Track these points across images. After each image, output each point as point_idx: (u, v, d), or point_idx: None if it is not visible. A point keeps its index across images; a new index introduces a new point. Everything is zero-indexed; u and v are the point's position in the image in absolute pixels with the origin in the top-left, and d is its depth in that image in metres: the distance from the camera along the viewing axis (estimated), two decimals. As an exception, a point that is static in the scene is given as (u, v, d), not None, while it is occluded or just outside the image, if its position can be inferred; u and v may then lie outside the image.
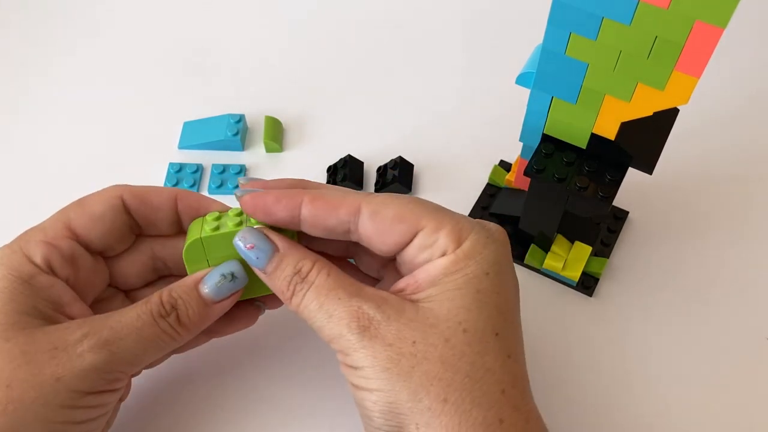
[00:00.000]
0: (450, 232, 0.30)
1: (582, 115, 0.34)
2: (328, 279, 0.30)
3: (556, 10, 0.30)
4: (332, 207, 0.31)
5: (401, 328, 0.29)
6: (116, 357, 0.30)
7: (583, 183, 0.35)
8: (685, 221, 0.45)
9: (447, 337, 0.28)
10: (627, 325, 0.40)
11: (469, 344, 0.28)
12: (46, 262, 0.31)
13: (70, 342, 0.30)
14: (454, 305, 0.29)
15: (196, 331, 0.33)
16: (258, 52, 0.56)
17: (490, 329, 0.29)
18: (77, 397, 0.29)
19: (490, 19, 0.57)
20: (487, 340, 0.29)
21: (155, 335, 0.31)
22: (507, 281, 0.31)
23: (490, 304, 0.29)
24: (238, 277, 0.32)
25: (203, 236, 0.32)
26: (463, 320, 0.29)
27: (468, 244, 0.30)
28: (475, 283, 0.30)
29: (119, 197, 0.34)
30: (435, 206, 0.32)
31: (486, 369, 0.28)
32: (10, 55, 0.56)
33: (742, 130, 0.49)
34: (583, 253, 0.41)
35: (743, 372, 0.39)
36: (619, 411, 0.37)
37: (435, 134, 0.50)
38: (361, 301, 0.29)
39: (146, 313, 0.31)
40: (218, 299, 0.32)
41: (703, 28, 0.27)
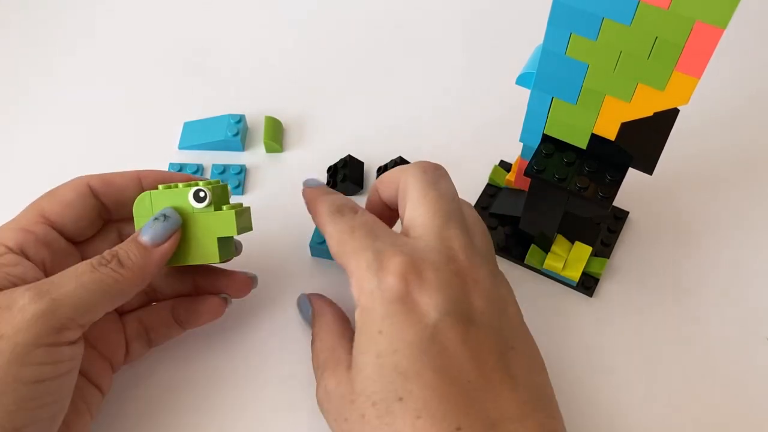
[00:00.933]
0: (354, 283, 0.31)
1: (582, 116, 0.34)
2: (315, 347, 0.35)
3: (556, 11, 0.30)
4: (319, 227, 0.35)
5: (338, 405, 0.31)
6: (57, 303, 0.30)
7: (584, 183, 0.35)
8: (685, 221, 0.45)
9: (362, 413, 0.29)
10: (627, 325, 0.40)
11: (378, 417, 0.29)
12: (19, 246, 0.33)
13: (14, 299, 0.29)
14: (362, 375, 0.30)
15: (141, 276, 0.33)
16: (258, 52, 0.56)
17: (392, 396, 0.29)
18: (24, 351, 0.28)
19: (490, 19, 0.57)
20: (393, 410, 0.29)
21: (98, 279, 0.31)
22: (406, 330, 0.29)
23: (389, 366, 0.29)
24: (170, 217, 0.34)
25: (153, 191, 0.35)
26: (371, 393, 0.29)
27: (363, 300, 0.31)
28: (372, 345, 0.30)
29: (86, 184, 0.35)
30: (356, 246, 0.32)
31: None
32: (10, 55, 0.56)
33: (742, 130, 0.49)
34: (584, 253, 0.41)
35: (743, 372, 0.39)
36: (619, 411, 0.37)
37: (435, 134, 0.50)
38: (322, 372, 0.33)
39: (86, 264, 0.32)
40: (156, 241, 0.33)
41: (703, 28, 0.27)
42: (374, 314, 0.30)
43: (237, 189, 0.47)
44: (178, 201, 0.34)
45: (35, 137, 0.51)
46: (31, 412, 0.29)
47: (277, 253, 0.43)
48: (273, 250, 0.43)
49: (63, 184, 0.36)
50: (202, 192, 0.34)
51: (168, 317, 0.38)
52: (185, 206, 0.34)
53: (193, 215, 0.34)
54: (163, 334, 0.38)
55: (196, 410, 0.37)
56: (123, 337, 0.37)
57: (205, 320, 0.38)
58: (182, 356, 0.39)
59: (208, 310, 0.38)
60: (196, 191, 0.34)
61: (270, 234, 0.43)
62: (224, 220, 0.34)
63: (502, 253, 0.43)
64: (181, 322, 0.38)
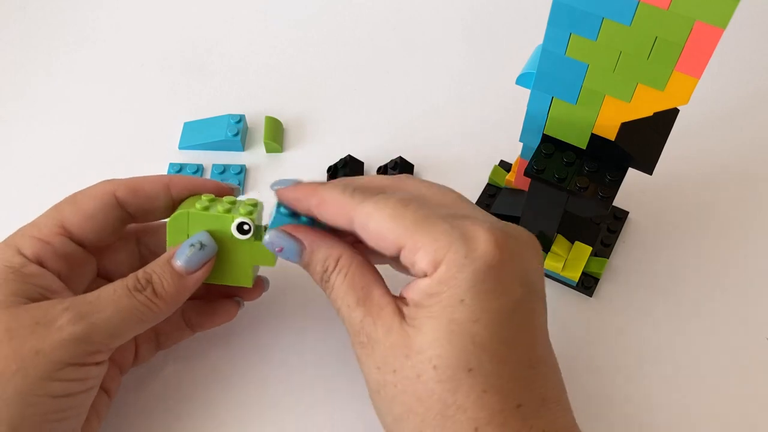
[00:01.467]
0: (426, 254, 0.29)
1: (582, 116, 0.34)
2: (344, 282, 0.31)
3: (556, 11, 0.30)
4: (332, 215, 0.32)
5: (386, 354, 0.29)
6: (95, 328, 0.30)
7: (583, 183, 0.35)
8: (685, 221, 0.45)
9: (418, 372, 0.28)
10: (627, 325, 0.40)
11: (439, 381, 0.28)
12: (37, 258, 0.32)
13: (51, 316, 0.30)
14: (426, 338, 0.28)
15: (173, 303, 0.33)
16: (258, 52, 0.56)
17: (462, 365, 0.28)
18: (57, 368, 0.29)
19: (490, 19, 0.57)
20: (458, 377, 0.28)
21: (133, 307, 0.32)
22: (492, 302, 0.28)
23: (465, 335, 0.28)
24: (207, 245, 0.34)
25: (191, 211, 0.34)
26: (433, 356, 0.28)
27: (443, 269, 0.29)
28: (448, 312, 0.28)
29: (112, 193, 0.34)
30: (415, 219, 0.29)
31: (457, 407, 0.27)
32: (10, 55, 0.56)
33: (742, 130, 0.49)
34: (583, 253, 0.41)
35: (743, 372, 0.39)
36: (619, 411, 0.37)
37: (435, 134, 0.50)
38: (362, 314, 0.30)
39: (122, 288, 0.32)
40: (190, 269, 0.33)
41: (703, 28, 0.27)
42: (457, 284, 0.28)
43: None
44: (218, 225, 0.34)
45: (35, 137, 0.51)
46: (53, 424, 0.30)
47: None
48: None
49: (88, 189, 0.35)
50: (246, 225, 0.34)
51: (179, 321, 0.37)
52: (225, 233, 0.34)
53: (232, 239, 0.34)
54: (173, 337, 0.38)
55: (199, 410, 0.37)
56: (133, 341, 0.37)
57: (217, 323, 0.38)
58: (186, 357, 0.39)
59: (222, 313, 0.38)
60: (240, 224, 0.34)
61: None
62: (265, 252, 0.34)
63: (502, 253, 0.43)
64: (192, 325, 0.37)
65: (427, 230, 0.29)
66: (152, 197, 0.35)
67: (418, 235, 0.29)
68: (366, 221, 0.30)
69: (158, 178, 0.35)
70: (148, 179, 0.35)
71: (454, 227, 0.29)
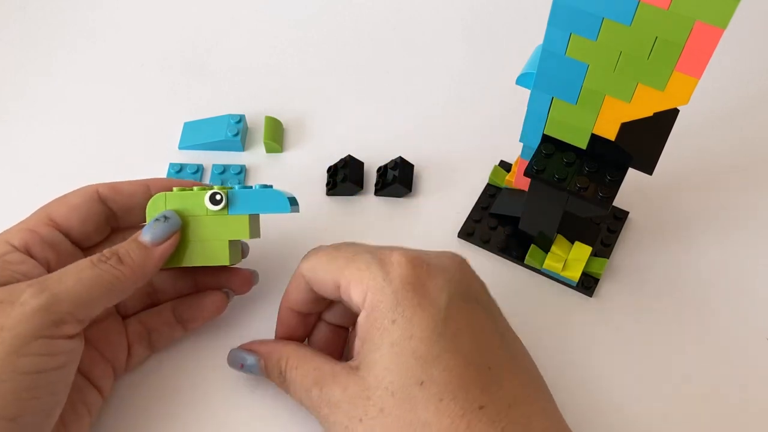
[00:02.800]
0: (354, 288, 0.31)
1: (582, 116, 0.34)
2: (298, 373, 0.33)
3: (556, 11, 0.30)
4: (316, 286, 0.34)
5: (348, 409, 0.30)
6: (56, 298, 0.30)
7: (583, 183, 0.35)
8: (685, 221, 0.45)
9: (381, 407, 0.29)
10: (627, 325, 0.40)
11: (399, 406, 0.29)
12: (24, 246, 0.33)
13: (15, 295, 0.30)
14: (377, 369, 0.30)
15: (140, 273, 0.34)
16: (258, 52, 0.56)
17: (413, 381, 0.29)
18: (23, 342, 0.29)
19: (490, 20, 0.57)
20: (414, 395, 0.29)
21: (96, 275, 0.32)
22: (419, 316, 0.30)
23: (406, 353, 0.29)
24: (170, 218, 0.35)
25: (167, 193, 0.36)
26: (388, 383, 0.29)
27: (369, 296, 0.31)
28: (386, 336, 0.30)
29: (95, 191, 0.36)
30: (345, 258, 0.32)
31: (422, 423, 0.28)
32: (10, 55, 0.56)
33: (742, 130, 0.49)
34: (583, 253, 0.41)
35: (743, 372, 0.39)
36: (619, 411, 0.37)
37: (435, 134, 0.50)
38: (319, 389, 0.32)
39: (86, 261, 0.33)
40: (156, 240, 0.34)
41: (703, 28, 0.27)
42: (384, 306, 0.30)
43: None
44: (192, 203, 0.35)
45: (35, 137, 0.51)
46: (27, 403, 0.29)
47: (275, 254, 0.43)
48: (271, 251, 0.43)
49: (73, 191, 0.36)
50: (218, 195, 0.35)
51: (170, 317, 0.38)
52: (199, 209, 0.35)
53: (206, 218, 0.35)
54: (166, 335, 0.38)
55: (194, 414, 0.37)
56: (125, 339, 0.37)
57: (207, 316, 0.38)
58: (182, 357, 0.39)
59: (210, 306, 0.38)
60: (212, 194, 0.35)
61: (269, 235, 0.43)
62: (237, 223, 0.35)
63: (502, 253, 0.43)
64: (183, 321, 0.38)
65: (354, 265, 0.32)
66: (131, 194, 0.37)
67: (348, 270, 0.32)
68: (312, 273, 0.34)
69: (138, 181, 0.38)
70: (129, 181, 0.37)
71: (373, 257, 0.32)
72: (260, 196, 0.36)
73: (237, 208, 0.36)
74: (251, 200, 0.36)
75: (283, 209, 0.36)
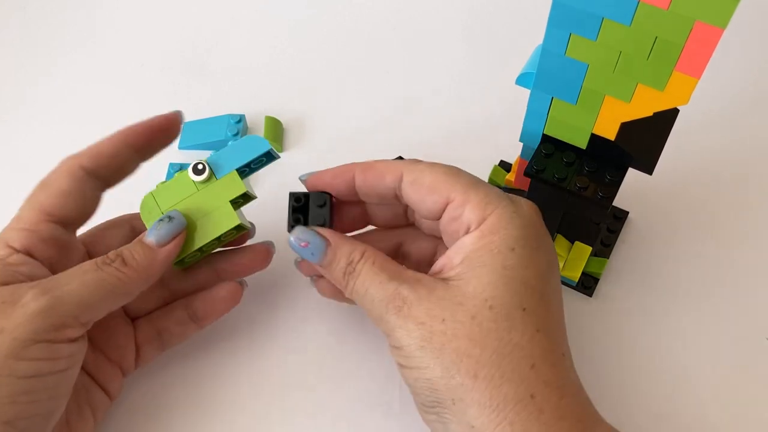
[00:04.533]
0: (475, 207, 0.31)
1: (582, 116, 0.34)
2: (374, 266, 0.32)
3: (556, 11, 0.30)
4: (380, 175, 0.34)
5: (431, 307, 0.30)
6: (59, 300, 0.30)
7: (583, 183, 0.35)
8: (685, 221, 0.45)
9: (473, 314, 0.29)
10: (627, 325, 0.40)
11: (495, 321, 0.29)
12: (25, 248, 0.33)
13: (17, 295, 0.30)
14: (480, 282, 0.30)
15: (145, 275, 0.33)
16: (258, 52, 0.56)
17: (517, 304, 0.29)
18: (22, 345, 0.29)
19: (490, 20, 0.57)
20: (514, 316, 0.29)
21: (100, 278, 0.31)
22: (536, 256, 0.31)
23: (517, 279, 0.30)
24: (175, 218, 0.34)
25: (153, 191, 0.35)
26: (489, 297, 0.29)
27: (492, 219, 0.31)
28: (500, 258, 0.30)
29: (78, 166, 0.34)
30: (469, 179, 0.33)
31: (514, 344, 0.29)
32: (10, 55, 0.56)
33: (742, 130, 0.49)
34: (583, 253, 0.41)
35: (743, 372, 0.39)
36: (619, 411, 0.37)
37: (435, 134, 0.50)
38: (398, 283, 0.31)
39: (90, 263, 0.32)
40: (161, 241, 0.33)
41: (703, 28, 0.27)
42: (507, 233, 0.31)
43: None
44: (180, 185, 0.35)
45: (35, 137, 0.51)
46: (24, 407, 0.29)
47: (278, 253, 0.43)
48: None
49: (53, 171, 0.35)
50: (200, 165, 0.35)
51: (183, 315, 0.37)
52: (188, 187, 0.35)
53: (199, 193, 0.35)
54: (178, 333, 0.37)
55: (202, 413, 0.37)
56: (132, 342, 0.36)
57: (222, 309, 0.38)
58: (186, 355, 0.39)
59: (224, 297, 0.37)
60: (194, 165, 0.35)
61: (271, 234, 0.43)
62: (229, 182, 0.35)
63: (502, 253, 0.43)
64: (197, 318, 0.37)
65: (479, 189, 0.32)
66: (115, 155, 0.35)
67: (471, 190, 0.32)
68: (419, 176, 0.33)
69: (115, 136, 0.36)
70: (105, 141, 0.35)
71: (501, 191, 0.33)
72: (238, 148, 0.36)
73: (222, 169, 0.35)
74: (231, 155, 0.36)
75: (264, 148, 0.36)
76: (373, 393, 0.38)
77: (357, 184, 0.35)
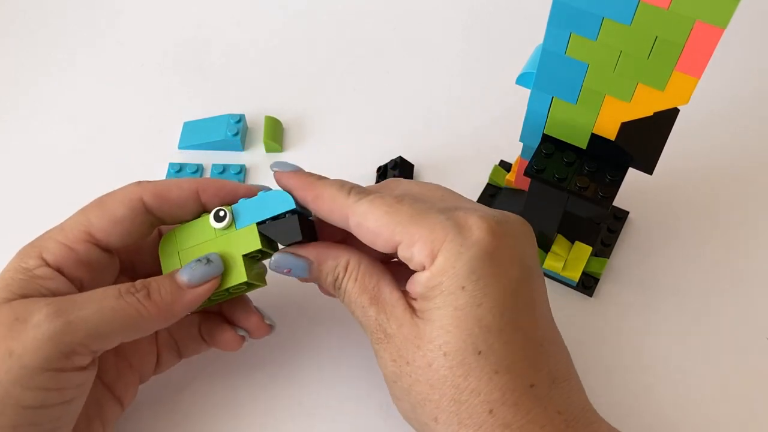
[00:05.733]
0: (422, 248, 0.29)
1: (582, 115, 0.34)
2: (355, 285, 0.32)
3: (556, 10, 0.30)
4: (328, 210, 0.32)
5: (399, 347, 0.30)
6: (73, 327, 0.28)
7: (583, 183, 0.35)
8: (686, 221, 0.45)
9: (429, 361, 0.29)
10: (627, 325, 0.40)
11: (450, 368, 0.28)
12: (57, 264, 0.31)
13: (29, 312, 0.28)
14: (434, 327, 0.29)
15: (166, 313, 0.31)
16: (258, 51, 0.56)
17: (471, 349, 0.28)
18: (31, 374, 0.28)
19: (490, 19, 0.57)
20: (468, 362, 0.28)
21: (119, 307, 0.30)
22: (492, 287, 0.29)
23: (470, 320, 0.28)
24: (213, 261, 0.32)
25: (175, 229, 0.34)
26: (442, 343, 0.29)
27: (440, 260, 0.29)
28: (451, 300, 0.29)
29: (140, 198, 0.33)
30: (410, 214, 0.30)
31: (471, 391, 0.28)
32: (10, 55, 0.56)
33: (742, 129, 0.49)
34: (584, 253, 0.41)
35: (743, 372, 0.39)
36: (619, 411, 0.37)
37: (435, 134, 0.50)
38: (376, 312, 0.31)
39: (113, 288, 0.30)
40: (192, 282, 0.32)
41: (703, 28, 0.27)
42: (456, 272, 0.29)
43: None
44: (200, 229, 0.34)
45: (35, 137, 0.51)
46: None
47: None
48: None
49: (115, 192, 0.33)
50: (221, 212, 0.33)
51: (196, 333, 0.36)
52: (207, 233, 0.34)
53: (217, 240, 0.34)
54: (192, 348, 0.36)
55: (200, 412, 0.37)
56: (155, 347, 0.35)
57: (222, 349, 0.36)
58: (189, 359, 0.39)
59: (225, 342, 0.36)
60: (216, 212, 0.33)
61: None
62: (247, 235, 0.33)
63: (502, 253, 0.43)
64: (206, 341, 0.36)
65: (422, 223, 0.30)
66: (180, 205, 0.33)
67: (414, 228, 0.30)
68: (362, 220, 0.31)
69: (187, 184, 0.34)
70: (177, 184, 0.34)
71: (448, 218, 0.30)
72: (263, 201, 0.34)
73: (243, 220, 0.34)
74: (255, 207, 0.34)
75: (289, 205, 0.33)
76: (373, 393, 0.38)
77: (312, 209, 0.33)
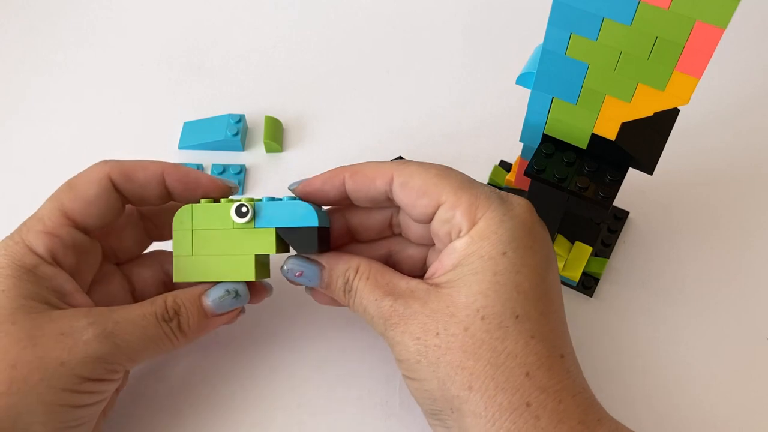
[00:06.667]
0: (465, 211, 0.31)
1: (582, 116, 0.34)
2: (368, 283, 0.33)
3: (557, 11, 0.30)
4: (370, 179, 0.33)
5: (425, 321, 0.30)
6: (119, 349, 0.31)
7: (584, 183, 0.35)
8: (686, 221, 0.45)
9: (466, 326, 0.29)
10: (627, 325, 0.40)
11: (487, 331, 0.29)
12: (50, 253, 0.32)
13: (76, 328, 0.30)
14: (471, 291, 0.30)
15: (193, 339, 0.34)
16: (258, 51, 0.56)
17: (509, 312, 0.29)
18: (78, 382, 0.30)
19: (490, 19, 0.57)
20: (506, 325, 0.29)
21: (157, 336, 0.33)
22: (529, 256, 0.30)
23: (509, 285, 0.29)
24: (241, 296, 0.34)
25: (195, 204, 0.34)
26: (480, 307, 0.29)
27: (482, 224, 0.31)
28: (491, 265, 0.30)
29: (107, 177, 0.34)
30: (460, 180, 0.32)
31: (507, 354, 0.29)
32: (9, 55, 0.56)
33: (742, 130, 0.49)
34: (584, 253, 0.41)
35: (743, 372, 0.39)
36: (619, 411, 0.37)
37: (435, 134, 0.50)
38: (392, 300, 0.31)
39: (151, 314, 0.32)
40: (218, 312, 0.34)
41: (703, 28, 0.27)
42: (498, 238, 0.30)
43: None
44: (218, 215, 0.34)
45: (35, 137, 0.51)
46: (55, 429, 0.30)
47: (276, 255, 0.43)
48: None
49: (83, 173, 0.34)
50: (244, 207, 0.34)
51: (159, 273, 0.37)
52: (224, 221, 0.34)
53: (231, 231, 0.34)
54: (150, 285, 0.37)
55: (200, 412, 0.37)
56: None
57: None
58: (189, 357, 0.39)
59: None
60: (238, 206, 0.34)
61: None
62: (264, 237, 0.34)
63: (502, 253, 0.43)
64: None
65: (470, 190, 0.31)
66: (144, 185, 0.34)
67: (462, 193, 0.31)
68: (408, 179, 0.32)
69: (153, 167, 0.35)
70: (143, 165, 0.35)
71: (492, 191, 0.32)
72: (287, 209, 0.34)
73: (263, 221, 0.34)
74: (278, 213, 0.34)
75: (311, 222, 0.33)
76: (373, 393, 0.38)
77: (348, 189, 0.34)
